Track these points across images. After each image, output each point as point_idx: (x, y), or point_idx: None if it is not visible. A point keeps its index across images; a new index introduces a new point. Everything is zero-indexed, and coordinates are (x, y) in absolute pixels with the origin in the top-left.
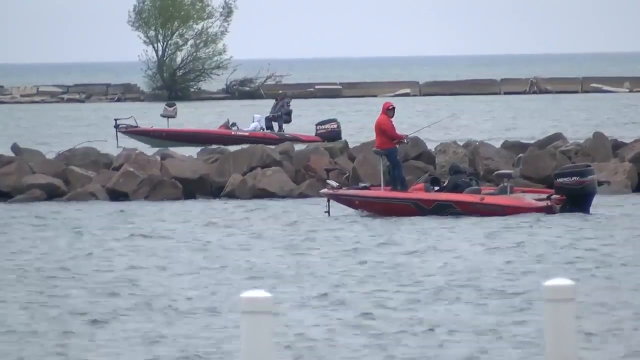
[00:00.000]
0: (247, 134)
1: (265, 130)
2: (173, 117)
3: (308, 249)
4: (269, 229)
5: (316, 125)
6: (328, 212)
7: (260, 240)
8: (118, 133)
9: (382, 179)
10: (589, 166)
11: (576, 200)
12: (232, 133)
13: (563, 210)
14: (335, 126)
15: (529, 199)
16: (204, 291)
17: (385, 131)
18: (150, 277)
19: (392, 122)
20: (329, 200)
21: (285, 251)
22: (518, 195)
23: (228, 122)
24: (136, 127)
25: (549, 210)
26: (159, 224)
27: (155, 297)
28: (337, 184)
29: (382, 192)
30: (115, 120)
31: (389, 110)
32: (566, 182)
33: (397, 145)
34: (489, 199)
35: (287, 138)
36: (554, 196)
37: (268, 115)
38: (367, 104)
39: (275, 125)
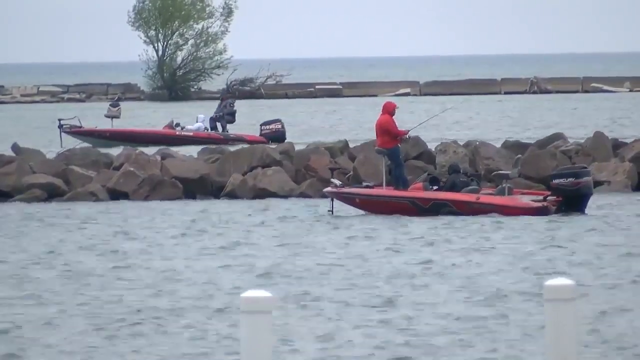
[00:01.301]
0: (191, 134)
1: (209, 130)
2: (117, 117)
3: (312, 249)
4: (273, 229)
5: (261, 125)
6: (331, 211)
7: (266, 240)
8: (62, 133)
9: (384, 178)
10: (585, 167)
11: (572, 201)
12: (176, 133)
13: (559, 211)
14: (279, 126)
15: (525, 199)
16: (207, 291)
17: (389, 130)
18: (152, 276)
19: (394, 120)
20: (332, 200)
21: (289, 250)
22: (515, 195)
23: (172, 122)
24: (80, 127)
25: (544, 211)
26: (160, 223)
27: (159, 296)
28: (340, 183)
29: (381, 190)
30: (59, 120)
31: (393, 111)
32: (562, 184)
33: (399, 144)
34: (484, 199)
35: (231, 138)
36: (550, 197)
37: (212, 115)
38: (367, 103)
39: (219, 125)
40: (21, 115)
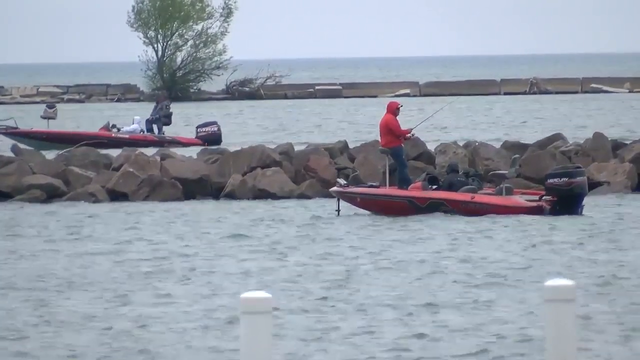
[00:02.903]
0: (127, 136)
1: (145, 132)
2: (53, 118)
3: (321, 249)
4: (282, 229)
5: (197, 127)
6: (338, 211)
7: (276, 240)
8: None
9: (388, 178)
10: (579, 167)
11: (565, 201)
12: (112, 135)
13: (553, 211)
14: (215, 129)
15: (520, 199)
16: (219, 293)
17: (392, 130)
18: (158, 278)
19: (397, 120)
20: (339, 200)
21: (300, 251)
22: (511, 195)
23: (108, 124)
24: (16, 128)
25: (538, 211)
26: (163, 224)
27: (165, 298)
28: (345, 182)
29: (379, 189)
30: None
31: (396, 110)
32: (555, 183)
33: (402, 144)
34: (479, 198)
35: (167, 140)
36: (545, 197)
37: (148, 117)
38: (366, 104)
39: (155, 127)
40: None
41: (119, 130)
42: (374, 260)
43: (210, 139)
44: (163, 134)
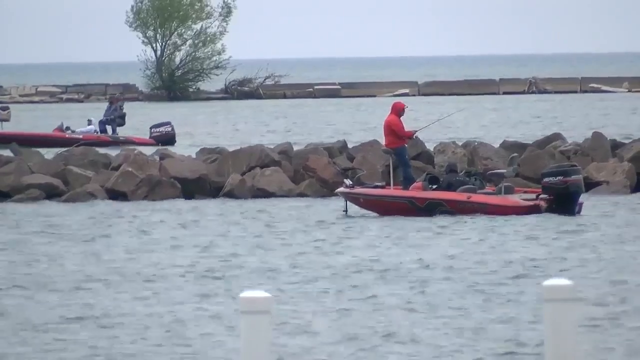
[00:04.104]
0: (80, 136)
1: (99, 133)
2: (7, 120)
3: (328, 249)
4: (290, 229)
5: (150, 128)
6: (346, 211)
7: (283, 241)
8: None
9: (392, 178)
10: (575, 166)
11: (562, 199)
12: (66, 136)
13: (549, 209)
14: (169, 129)
15: (517, 198)
16: (225, 292)
17: (396, 131)
18: (163, 277)
19: (401, 121)
20: (346, 200)
21: (308, 252)
22: (508, 194)
23: (62, 125)
24: None
25: (535, 210)
26: (168, 223)
27: (175, 295)
28: (351, 183)
29: (380, 190)
30: None
31: (401, 111)
32: (551, 182)
33: (406, 144)
34: (476, 198)
35: (120, 141)
36: (542, 196)
37: (102, 118)
38: (365, 104)
39: (109, 128)
40: None
41: (73, 131)
42: (378, 260)
43: (164, 139)
44: (117, 134)
